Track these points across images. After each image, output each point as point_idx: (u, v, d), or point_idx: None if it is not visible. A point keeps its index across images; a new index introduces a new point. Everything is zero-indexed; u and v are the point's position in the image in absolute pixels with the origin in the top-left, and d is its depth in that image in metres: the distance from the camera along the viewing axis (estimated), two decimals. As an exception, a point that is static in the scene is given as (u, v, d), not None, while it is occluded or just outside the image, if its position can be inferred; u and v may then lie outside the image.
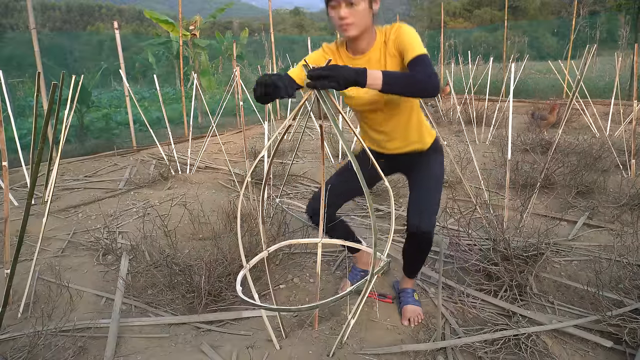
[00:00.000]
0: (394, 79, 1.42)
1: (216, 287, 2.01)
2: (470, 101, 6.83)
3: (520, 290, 2.03)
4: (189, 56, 8.25)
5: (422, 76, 1.45)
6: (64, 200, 3.60)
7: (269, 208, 2.93)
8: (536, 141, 4.73)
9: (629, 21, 10.52)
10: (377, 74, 1.39)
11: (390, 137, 1.80)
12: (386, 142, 1.82)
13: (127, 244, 2.64)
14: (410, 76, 1.46)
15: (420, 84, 1.45)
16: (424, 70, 1.47)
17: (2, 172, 2.24)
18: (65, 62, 7.71)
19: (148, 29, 24.66)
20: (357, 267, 2.21)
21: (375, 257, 1.38)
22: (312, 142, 5.89)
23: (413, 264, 1.92)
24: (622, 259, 2.07)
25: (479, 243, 2.27)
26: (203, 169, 4.52)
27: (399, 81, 1.43)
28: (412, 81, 1.45)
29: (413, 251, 1.84)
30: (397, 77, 1.43)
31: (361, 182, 1.29)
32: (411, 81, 1.45)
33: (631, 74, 8.02)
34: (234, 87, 4.81)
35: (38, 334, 1.68)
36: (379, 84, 1.40)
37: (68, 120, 2.72)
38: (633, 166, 3.65)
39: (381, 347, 1.70)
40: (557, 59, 9.49)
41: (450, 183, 3.67)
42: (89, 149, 5.65)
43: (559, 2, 27.14)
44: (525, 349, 1.64)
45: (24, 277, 2.24)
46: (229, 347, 1.71)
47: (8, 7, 19.72)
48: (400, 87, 1.44)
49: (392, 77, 1.42)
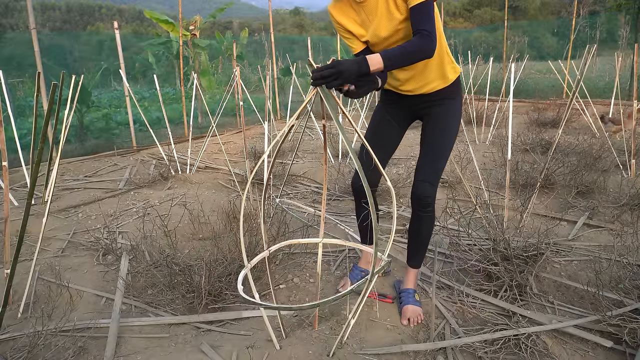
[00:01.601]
0: (393, 57, 1.51)
1: (216, 287, 2.01)
2: (470, 101, 6.83)
3: (520, 290, 2.03)
4: (189, 56, 8.25)
5: (417, 45, 1.54)
6: (64, 200, 3.60)
7: (269, 208, 2.93)
8: (536, 141, 4.73)
9: (629, 21, 10.52)
10: (377, 58, 1.48)
11: (407, 81, 1.83)
12: (402, 85, 1.86)
13: (127, 244, 2.63)
14: (408, 49, 1.54)
15: (418, 53, 1.55)
16: (421, 24, 1.56)
17: (2, 172, 2.24)
18: (65, 62, 7.70)
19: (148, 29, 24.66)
20: (359, 266, 2.20)
21: (376, 256, 1.38)
22: (312, 142, 5.88)
23: (416, 245, 1.96)
24: (622, 259, 2.07)
25: (479, 243, 2.26)
26: (203, 169, 4.52)
27: (398, 57, 1.52)
28: (410, 53, 1.54)
29: (416, 223, 1.89)
30: (395, 54, 1.52)
31: (362, 180, 1.29)
32: (409, 53, 1.54)
33: (631, 74, 8.02)
34: (234, 87, 4.81)
35: (38, 334, 1.68)
36: (381, 66, 1.49)
37: (68, 120, 2.72)
38: (633, 166, 3.65)
39: (381, 347, 1.70)
40: (557, 59, 9.49)
41: (450, 183, 3.67)
42: (89, 149, 5.65)
43: (559, 2, 27.14)
44: (525, 349, 1.64)
45: (24, 277, 2.24)
46: (229, 347, 1.71)
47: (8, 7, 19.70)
48: (400, 61, 1.54)
49: (391, 55, 1.51)
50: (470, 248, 2.19)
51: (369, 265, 2.18)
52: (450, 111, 1.86)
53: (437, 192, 3.65)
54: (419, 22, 1.56)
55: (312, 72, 1.36)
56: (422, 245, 1.96)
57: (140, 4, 38.31)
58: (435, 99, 1.85)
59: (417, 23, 1.57)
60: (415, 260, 1.99)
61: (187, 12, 7.75)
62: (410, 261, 2.01)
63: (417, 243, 1.96)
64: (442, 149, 1.83)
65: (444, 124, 1.85)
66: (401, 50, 1.52)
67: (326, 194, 1.80)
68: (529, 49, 12.53)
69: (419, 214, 1.85)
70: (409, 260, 2.01)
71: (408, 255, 2.01)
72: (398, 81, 1.85)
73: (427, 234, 1.93)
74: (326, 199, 3.08)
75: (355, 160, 1.30)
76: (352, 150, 1.30)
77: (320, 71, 1.36)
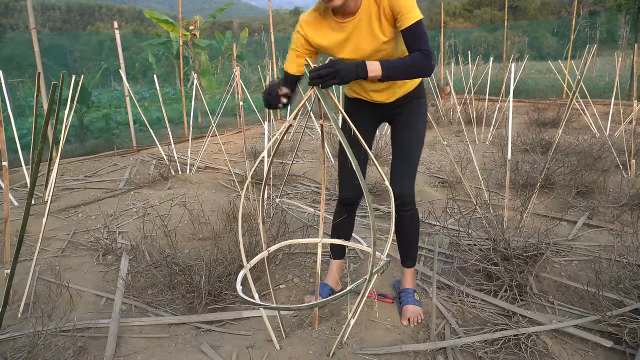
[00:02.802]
0: (393, 68, 1.50)
1: (216, 287, 2.01)
2: (470, 101, 6.83)
3: (520, 290, 2.03)
4: (189, 56, 8.26)
5: (418, 61, 1.53)
6: (64, 200, 3.60)
7: (269, 208, 2.93)
8: (536, 141, 4.73)
9: (629, 21, 10.52)
10: (376, 65, 1.47)
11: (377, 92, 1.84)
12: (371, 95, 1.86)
13: (127, 244, 2.63)
14: (408, 63, 1.53)
15: (417, 69, 1.55)
16: (419, 44, 1.55)
17: (2, 172, 2.24)
18: (65, 62, 7.71)
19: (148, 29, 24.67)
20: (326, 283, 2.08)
21: (375, 256, 1.38)
22: (312, 142, 5.89)
23: (405, 244, 1.97)
24: (622, 259, 2.06)
25: (479, 243, 2.26)
26: (203, 169, 4.52)
27: (397, 69, 1.51)
28: (409, 67, 1.53)
29: (400, 223, 1.89)
30: (395, 65, 1.51)
31: (359, 178, 1.29)
32: (409, 67, 1.53)
33: (631, 74, 8.02)
34: (234, 87, 4.81)
35: (38, 334, 1.68)
36: (379, 74, 1.48)
37: (68, 120, 2.72)
38: (633, 166, 3.65)
39: (381, 347, 1.70)
40: (557, 59, 9.48)
41: (450, 183, 3.67)
42: (89, 149, 5.65)
43: (559, 2, 27.12)
44: (525, 349, 1.64)
45: (24, 277, 2.24)
46: (229, 347, 1.71)
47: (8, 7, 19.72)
48: (398, 74, 1.53)
49: (391, 65, 1.50)
50: (470, 248, 2.19)
51: (336, 284, 2.09)
52: (416, 109, 1.88)
53: (437, 192, 3.64)
54: (416, 43, 1.56)
55: (310, 72, 1.37)
56: (411, 245, 1.97)
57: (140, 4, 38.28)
58: (402, 102, 1.87)
59: (414, 44, 1.56)
60: (408, 261, 2.00)
61: (187, 12, 7.75)
62: (403, 262, 2.01)
63: (404, 243, 1.97)
64: (412, 147, 1.85)
65: (412, 121, 1.87)
66: (402, 63, 1.52)
67: (325, 193, 1.80)
68: (529, 49, 12.53)
69: (400, 214, 1.86)
70: (402, 261, 2.02)
71: (400, 257, 2.03)
72: (366, 92, 1.85)
73: (412, 233, 1.94)
74: (326, 199, 3.08)
75: (353, 160, 1.30)
76: (350, 151, 1.30)
77: (318, 70, 1.36)
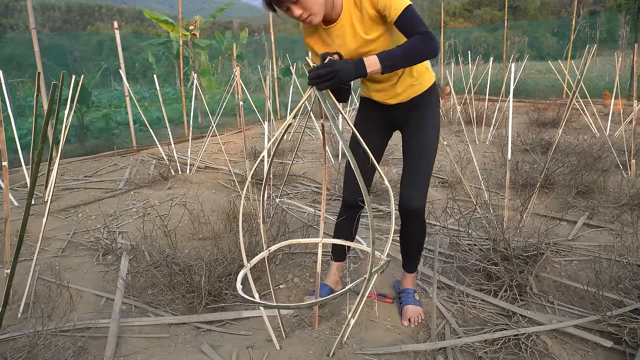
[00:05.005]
0: (391, 56, 1.43)
1: (216, 287, 2.01)
2: (470, 101, 6.83)
3: (520, 290, 2.03)
4: (189, 56, 8.25)
5: (417, 44, 1.45)
6: (64, 200, 3.60)
7: (269, 208, 2.93)
8: (536, 141, 4.73)
9: (629, 21, 10.52)
10: (374, 60, 1.42)
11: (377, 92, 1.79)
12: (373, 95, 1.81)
13: (127, 244, 2.63)
14: (407, 47, 1.45)
15: (419, 53, 1.46)
16: (415, 28, 1.46)
17: (2, 172, 2.24)
18: (65, 62, 7.70)
19: (148, 29, 24.64)
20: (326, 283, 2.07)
21: (374, 255, 1.37)
22: (312, 142, 5.88)
23: (409, 253, 1.95)
24: (622, 259, 2.06)
25: (479, 243, 2.26)
26: (203, 169, 4.52)
27: (397, 57, 1.44)
28: (409, 52, 1.45)
29: (406, 233, 1.87)
30: (393, 54, 1.44)
31: (357, 177, 1.29)
32: (409, 52, 1.45)
33: (631, 74, 8.02)
34: (234, 87, 4.81)
35: (38, 334, 1.68)
36: (379, 68, 1.42)
37: (68, 120, 2.72)
38: (633, 166, 3.65)
39: (381, 347, 1.70)
40: (557, 59, 9.49)
41: (450, 183, 3.67)
42: (89, 149, 5.65)
43: (559, 2, 27.11)
44: (525, 349, 1.64)
45: (24, 277, 2.24)
46: (229, 347, 1.71)
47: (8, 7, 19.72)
48: (399, 61, 1.45)
49: (390, 55, 1.43)
50: (470, 248, 2.19)
51: (335, 285, 2.09)
52: (427, 116, 1.77)
53: (437, 192, 3.64)
54: (411, 28, 1.47)
55: (309, 72, 1.37)
56: (414, 252, 1.94)
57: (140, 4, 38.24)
58: (410, 106, 1.79)
59: (410, 29, 1.47)
60: (410, 267, 1.98)
61: (187, 12, 7.75)
62: (405, 267, 1.99)
63: (408, 251, 1.95)
64: (421, 157, 1.75)
65: (422, 129, 1.76)
66: (400, 49, 1.44)
67: (326, 193, 1.80)
68: (529, 49, 12.53)
69: (407, 222, 1.83)
70: (404, 266, 1.99)
71: (403, 262, 2.00)
72: (369, 90, 1.81)
73: (417, 245, 1.90)
74: (326, 199, 3.08)
75: (352, 159, 1.30)
76: (349, 151, 1.30)
77: (317, 70, 1.36)
